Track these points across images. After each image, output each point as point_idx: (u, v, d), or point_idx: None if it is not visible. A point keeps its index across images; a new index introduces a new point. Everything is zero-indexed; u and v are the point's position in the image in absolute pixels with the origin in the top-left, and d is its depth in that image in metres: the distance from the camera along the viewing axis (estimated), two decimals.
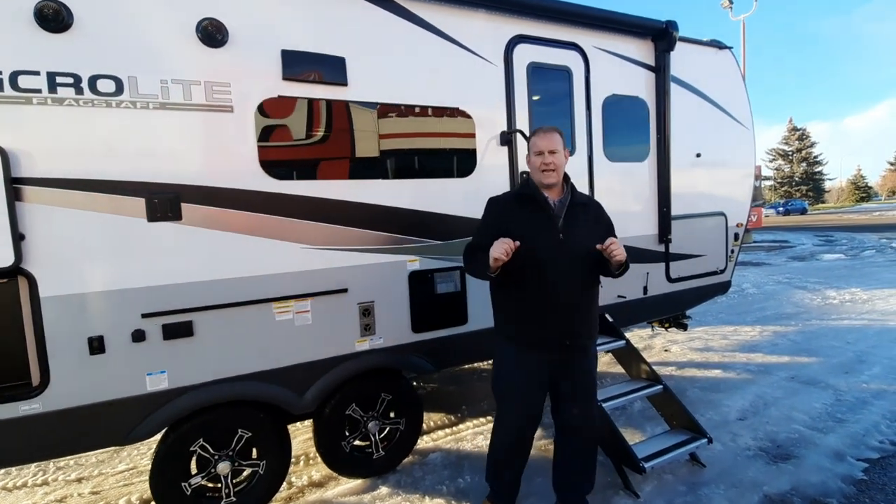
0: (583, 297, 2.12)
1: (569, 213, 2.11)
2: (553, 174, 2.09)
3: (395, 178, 2.80)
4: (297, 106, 2.50)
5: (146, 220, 2.21)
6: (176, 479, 2.38)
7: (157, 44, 2.21)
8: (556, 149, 2.08)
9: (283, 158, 2.50)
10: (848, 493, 2.55)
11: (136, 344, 2.22)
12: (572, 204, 2.13)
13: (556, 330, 2.09)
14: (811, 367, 4.38)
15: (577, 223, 2.11)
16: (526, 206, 2.14)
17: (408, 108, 2.80)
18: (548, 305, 2.07)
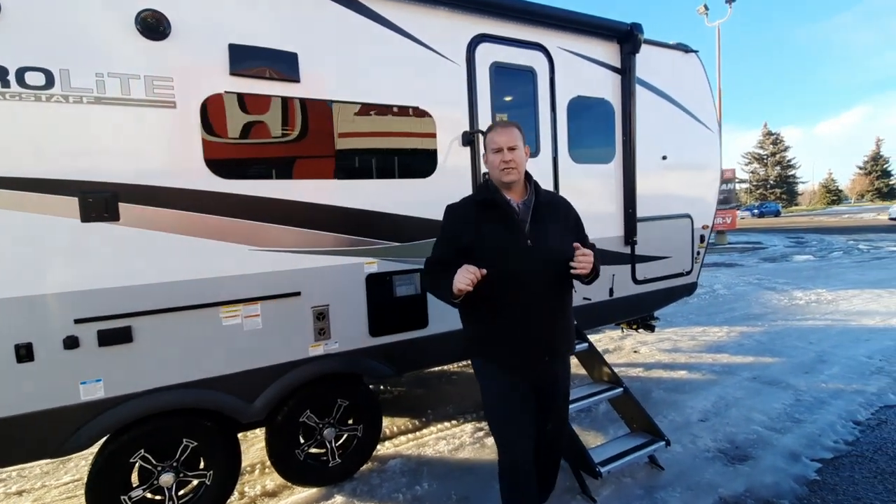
0: (559, 307, 1.94)
1: (535, 216, 1.90)
2: (514, 172, 1.88)
3: (352, 178, 2.73)
4: (245, 102, 2.41)
5: (80, 221, 2.10)
6: (114, 492, 2.27)
7: (92, 35, 2.10)
8: (515, 145, 1.88)
9: (230, 157, 2.41)
10: (800, 493, 2.57)
11: (68, 351, 2.10)
12: (538, 205, 1.92)
13: (536, 347, 1.90)
14: (773, 368, 4.45)
15: (545, 225, 1.90)
16: (487, 213, 1.91)
17: (365, 107, 2.73)
18: (523, 321, 1.86)
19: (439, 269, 1.88)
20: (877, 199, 57.29)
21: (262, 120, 2.46)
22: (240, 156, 2.44)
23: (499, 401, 1.97)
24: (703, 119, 4.34)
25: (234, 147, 2.42)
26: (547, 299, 1.88)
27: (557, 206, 2.03)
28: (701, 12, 18.16)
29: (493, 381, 1.96)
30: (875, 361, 4.48)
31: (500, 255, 1.83)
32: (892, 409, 3.52)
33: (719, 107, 18.05)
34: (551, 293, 1.89)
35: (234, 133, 2.41)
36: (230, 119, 2.38)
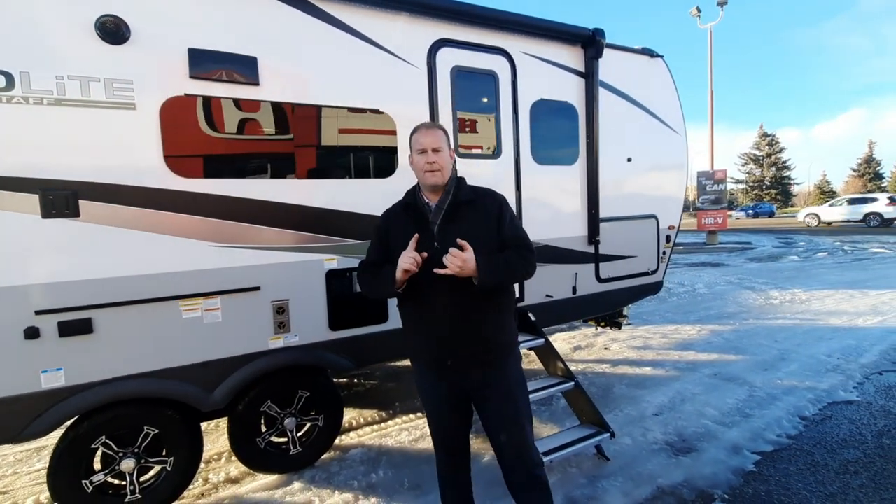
0: (468, 310, 1.82)
1: (447, 216, 1.86)
2: (438, 174, 1.85)
3: (312, 177, 2.83)
4: (204, 104, 2.50)
5: (40, 217, 2.20)
6: (75, 476, 2.38)
7: (52, 39, 2.19)
8: (440, 146, 1.85)
9: (189, 156, 2.50)
10: (734, 483, 2.70)
11: (29, 341, 2.20)
12: (453, 204, 1.88)
13: (438, 348, 1.86)
14: (735, 365, 4.58)
15: (456, 226, 1.84)
16: (406, 215, 1.93)
17: (325, 109, 2.83)
18: (433, 323, 1.85)
19: (370, 270, 1.95)
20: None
21: (222, 121, 2.56)
22: (199, 156, 2.54)
23: (424, 398, 2.04)
24: (669, 122, 4.46)
25: (194, 147, 2.52)
26: (457, 301, 1.80)
27: (478, 204, 1.90)
28: (693, 14, 18.24)
29: (419, 379, 2.02)
30: (833, 360, 4.62)
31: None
32: (838, 406, 3.66)
33: (710, 108, 18.18)
34: (458, 296, 1.79)
35: (193, 134, 2.51)
36: (189, 120, 2.48)
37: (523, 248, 1.87)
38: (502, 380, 1.91)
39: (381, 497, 2.65)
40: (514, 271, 1.84)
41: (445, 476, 2.12)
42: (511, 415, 1.91)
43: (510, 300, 1.99)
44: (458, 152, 3.29)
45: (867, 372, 4.32)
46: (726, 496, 2.60)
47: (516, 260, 1.82)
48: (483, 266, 1.72)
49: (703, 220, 17.23)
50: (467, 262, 1.70)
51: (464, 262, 1.69)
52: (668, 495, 2.61)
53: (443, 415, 1.99)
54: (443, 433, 2.03)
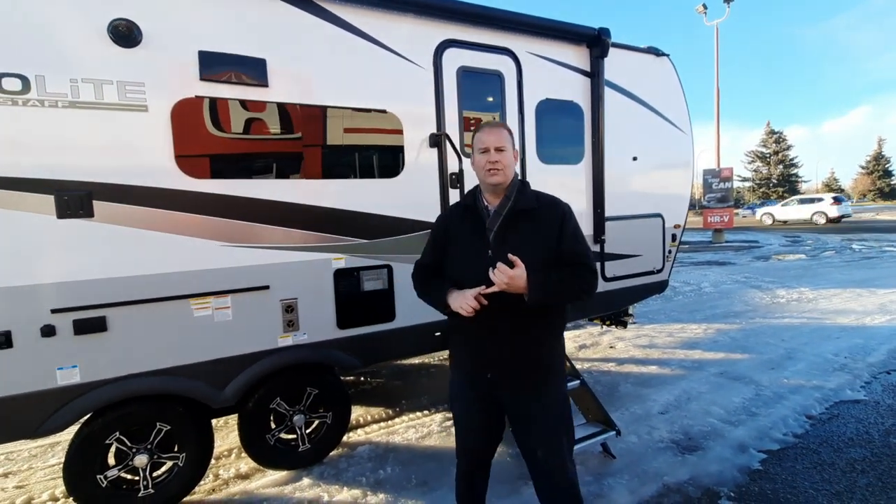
0: (515, 326, 1.74)
1: (504, 225, 1.77)
2: (499, 174, 1.76)
3: (320, 177, 2.86)
4: (214, 106, 2.54)
5: (56, 217, 2.24)
6: (91, 471, 2.43)
7: (66, 43, 2.23)
8: (503, 146, 1.77)
9: (200, 157, 2.54)
10: (740, 482, 2.71)
11: (45, 339, 2.25)
12: (512, 212, 1.78)
13: (479, 360, 1.82)
14: (741, 364, 4.58)
15: (513, 236, 1.75)
16: (464, 218, 1.86)
17: (334, 110, 2.86)
18: (472, 332, 1.80)
19: (426, 275, 1.93)
20: (878, 198, 57.08)
21: (231, 123, 2.60)
22: (209, 156, 2.57)
23: (455, 404, 2.00)
24: (674, 121, 4.45)
25: (204, 148, 2.55)
26: (499, 315, 1.71)
27: (539, 213, 1.79)
28: (700, 11, 18.14)
29: (455, 386, 1.97)
30: (840, 359, 4.61)
31: (463, 262, 1.80)
32: (846, 405, 3.65)
33: (716, 105, 18.08)
34: (506, 310, 1.70)
35: (204, 135, 2.54)
36: (200, 122, 2.52)
37: (582, 266, 1.73)
38: (543, 399, 1.82)
39: (389, 493, 2.69)
40: (568, 291, 1.71)
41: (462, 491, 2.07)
42: (551, 431, 1.83)
43: (562, 320, 1.89)
44: (464, 152, 3.31)
45: (875, 371, 4.31)
46: (732, 494, 2.61)
47: (572, 279, 1.70)
48: (534, 283, 1.62)
49: (709, 219, 17.15)
50: (515, 278, 1.61)
51: (511, 279, 1.60)
52: (674, 493, 2.63)
53: (472, 425, 1.94)
54: (469, 444, 1.98)
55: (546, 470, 1.86)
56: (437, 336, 3.31)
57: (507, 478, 2.78)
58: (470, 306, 1.67)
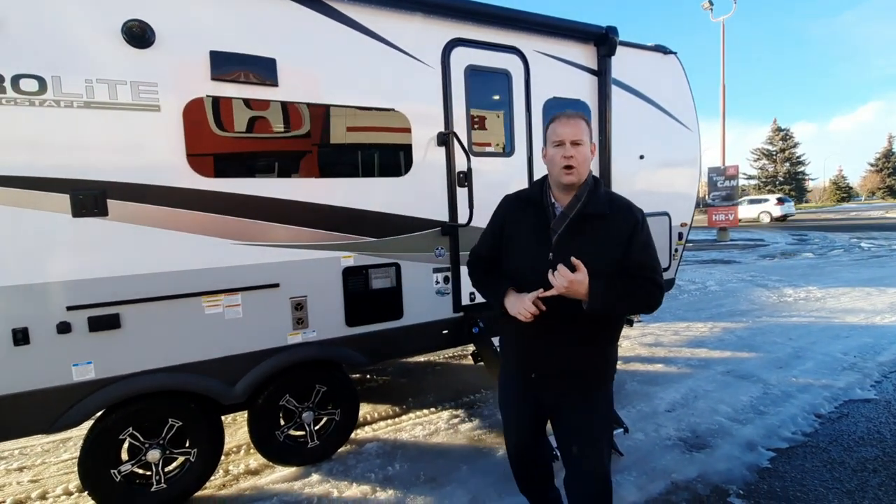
0: (567, 330, 1.69)
1: (570, 228, 1.68)
2: (574, 173, 1.65)
3: (330, 176, 2.88)
4: (226, 105, 2.56)
5: (71, 216, 2.28)
6: (105, 466, 2.47)
7: (81, 45, 2.26)
8: (580, 139, 1.65)
9: (211, 156, 2.57)
10: (749, 479, 2.71)
11: (61, 335, 2.29)
12: (581, 216, 1.68)
13: (529, 360, 1.80)
14: (749, 362, 4.56)
15: (579, 241, 1.66)
16: (527, 212, 1.79)
17: (342, 109, 2.88)
18: (524, 332, 1.75)
19: (480, 264, 1.91)
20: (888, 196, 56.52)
21: (242, 122, 2.62)
22: (220, 156, 2.60)
23: (501, 388, 2.01)
24: (682, 119, 4.44)
25: (215, 147, 2.58)
26: (553, 319, 1.66)
27: (610, 219, 1.69)
28: (706, 7, 18.03)
29: (504, 384, 1.98)
30: (849, 358, 4.58)
31: (522, 262, 1.74)
32: (855, 404, 3.64)
33: (722, 102, 17.97)
34: (561, 315, 1.66)
35: (215, 134, 2.57)
36: (212, 121, 2.54)
37: (648, 280, 1.64)
38: (588, 401, 1.79)
39: (399, 489, 2.71)
40: (631, 303, 1.65)
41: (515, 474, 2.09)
42: (589, 432, 1.79)
43: (618, 328, 1.83)
44: (471, 150, 3.32)
45: (885, 370, 4.28)
46: (741, 492, 2.61)
47: (636, 291, 1.62)
48: (594, 291, 1.55)
49: (714, 217, 17.05)
50: (575, 283, 1.54)
51: (571, 284, 1.54)
52: (682, 490, 2.64)
53: (517, 423, 1.94)
54: (513, 439, 1.98)
55: (580, 464, 1.82)
56: (445, 334, 3.33)
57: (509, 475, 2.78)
58: (529, 312, 1.62)
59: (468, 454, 3.06)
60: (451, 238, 3.29)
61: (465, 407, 3.80)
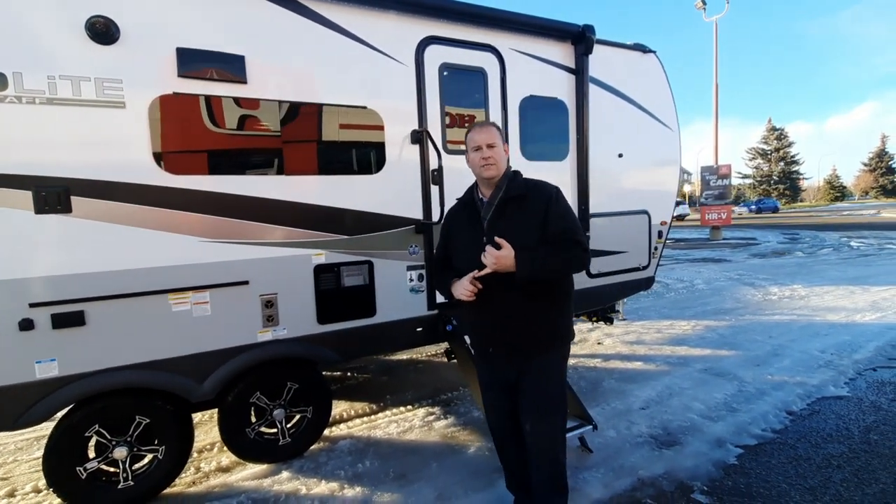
0: (513, 303, 1.90)
1: (496, 212, 1.95)
2: (493, 167, 1.94)
3: (299, 173, 2.87)
4: (193, 102, 2.56)
5: (33, 213, 2.27)
6: (70, 463, 2.46)
7: (44, 41, 2.25)
8: (494, 142, 1.95)
9: (178, 153, 2.56)
10: (714, 476, 2.73)
11: (23, 332, 2.28)
12: (504, 200, 1.95)
13: (484, 336, 2.04)
14: (727, 360, 4.59)
15: (505, 222, 1.91)
16: (463, 211, 2.09)
17: (313, 106, 2.88)
18: (477, 311, 2.00)
19: (438, 267, 2.18)
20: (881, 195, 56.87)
21: (210, 119, 2.61)
22: (187, 153, 2.59)
23: (478, 371, 2.24)
24: (661, 118, 4.46)
25: (182, 144, 2.57)
26: (496, 295, 1.89)
27: (529, 199, 1.93)
28: (699, 7, 18.05)
29: (477, 364, 2.22)
30: (826, 355, 4.62)
31: (464, 251, 1.98)
32: (827, 401, 3.67)
33: (715, 102, 18.02)
34: (502, 290, 1.86)
35: (182, 131, 2.56)
36: (178, 118, 2.54)
37: (568, 241, 1.86)
38: (538, 372, 1.97)
39: (367, 486, 2.72)
40: (555, 265, 1.84)
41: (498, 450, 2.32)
42: (540, 406, 1.98)
43: (561, 295, 2.00)
44: (446, 149, 3.33)
45: (860, 368, 4.32)
46: (705, 488, 2.63)
47: (557, 253, 1.84)
48: (521, 260, 1.77)
49: (706, 216, 17.12)
50: (500, 258, 1.77)
51: (497, 259, 1.77)
52: (647, 486, 2.66)
53: (490, 402, 2.17)
54: (492, 422, 2.22)
55: (532, 444, 2.00)
56: (419, 331, 3.34)
57: (483, 471, 2.81)
58: (468, 290, 1.87)
59: (440, 451, 3.07)
60: (425, 236, 3.30)
61: (442, 404, 3.81)
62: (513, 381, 2.02)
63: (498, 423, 2.21)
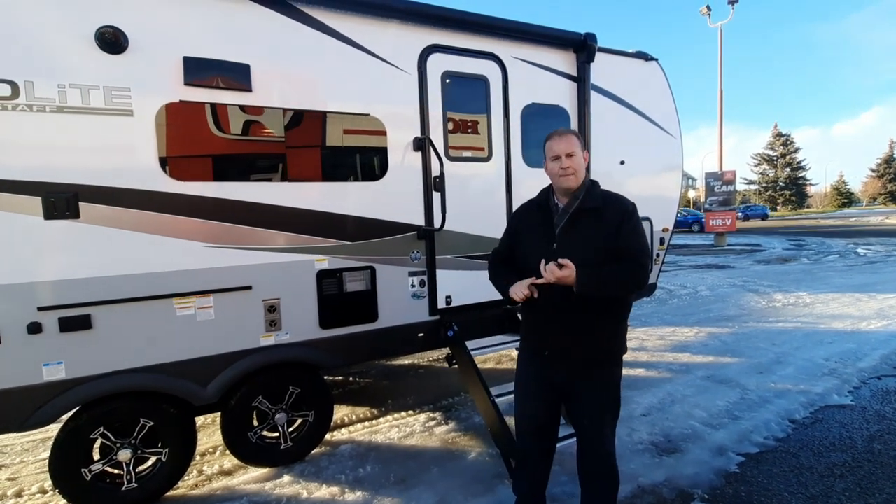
0: (573, 312, 1.92)
1: (570, 221, 1.96)
2: (573, 178, 1.96)
3: (303, 180, 2.91)
4: (199, 110, 2.61)
5: (42, 218, 2.31)
6: (75, 465, 2.50)
7: (54, 51, 2.31)
8: (573, 151, 1.96)
9: (184, 160, 2.61)
10: (715, 484, 2.73)
11: (32, 336, 2.32)
12: (578, 210, 1.96)
13: (540, 339, 2.04)
14: (730, 367, 4.58)
15: (578, 232, 1.94)
16: (536, 214, 2.09)
17: (317, 114, 2.92)
18: (537, 316, 2.04)
19: (497, 261, 2.19)
20: (889, 202, 56.40)
21: (216, 126, 2.66)
22: (193, 159, 2.64)
23: (518, 378, 2.21)
24: (663, 125, 4.47)
25: (188, 151, 2.62)
26: (560, 304, 1.91)
27: (604, 212, 1.95)
28: (704, 13, 18.08)
29: (521, 362, 2.20)
30: (830, 364, 4.59)
31: (530, 253, 2.00)
32: (830, 409, 3.65)
33: (720, 108, 18.00)
34: (567, 299, 1.88)
35: (189, 139, 2.61)
36: (185, 126, 2.59)
37: (633, 261, 1.89)
38: (599, 383, 2.01)
39: (367, 490, 2.73)
40: (614, 284, 1.87)
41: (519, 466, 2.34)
42: (599, 408, 2.04)
43: (623, 310, 2.05)
44: (448, 155, 3.36)
45: (865, 376, 4.29)
46: (706, 496, 2.63)
47: (620, 274, 1.86)
48: (581, 279, 1.80)
49: (711, 222, 17.06)
50: (562, 278, 1.80)
51: (558, 279, 1.81)
52: (647, 494, 2.66)
53: (531, 396, 2.13)
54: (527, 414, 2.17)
55: (588, 439, 2.08)
56: (420, 337, 3.36)
57: (484, 476, 2.82)
58: (522, 293, 1.91)
59: (440, 456, 3.09)
60: (427, 242, 3.33)
61: (443, 410, 3.82)
62: (562, 382, 2.04)
63: (521, 434, 2.20)
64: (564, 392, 2.07)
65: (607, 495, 2.13)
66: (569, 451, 2.99)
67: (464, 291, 3.50)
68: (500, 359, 4.96)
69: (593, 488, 2.13)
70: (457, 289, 3.47)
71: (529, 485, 2.22)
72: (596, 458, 2.09)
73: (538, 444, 2.18)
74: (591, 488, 2.14)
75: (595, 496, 2.13)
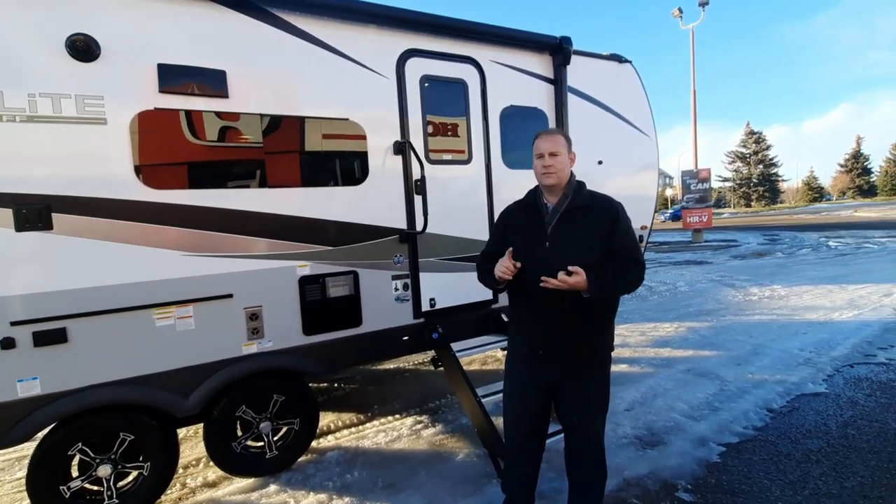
0: (568, 313, 1.94)
1: (562, 220, 1.98)
2: (553, 176, 1.97)
3: (282, 186, 2.90)
4: (174, 117, 2.58)
5: (14, 231, 2.26)
6: (53, 483, 2.43)
7: (24, 59, 2.26)
8: (557, 151, 1.97)
9: (160, 169, 2.57)
10: (698, 474, 2.79)
11: (5, 351, 2.26)
12: (569, 209, 1.98)
13: (533, 339, 2.04)
14: (709, 360, 4.69)
15: (569, 230, 1.96)
16: (525, 214, 2.09)
17: (295, 119, 2.92)
18: (531, 316, 2.04)
19: (484, 260, 2.18)
20: (857, 195, 58.47)
21: (192, 134, 2.63)
22: (170, 167, 2.60)
23: (508, 380, 2.20)
24: (639, 125, 4.58)
25: (164, 159, 2.58)
26: (554, 303, 1.91)
27: (594, 210, 1.98)
28: (675, 15, 18.53)
29: (511, 361, 2.19)
30: (805, 353, 4.74)
31: (525, 254, 1.98)
32: (806, 398, 3.77)
33: (693, 107, 18.45)
34: (561, 298, 1.89)
35: (164, 146, 2.57)
36: (160, 133, 2.55)
37: (631, 261, 1.94)
38: (591, 381, 2.04)
39: (356, 496, 2.72)
40: (622, 286, 1.95)
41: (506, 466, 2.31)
42: (590, 406, 2.06)
43: (612, 310, 2.08)
44: (428, 158, 3.38)
45: (838, 365, 4.44)
46: (689, 486, 2.69)
47: (624, 274, 1.92)
48: (593, 281, 1.82)
49: (688, 219, 17.46)
50: (574, 285, 1.81)
51: (571, 286, 1.81)
52: (632, 486, 2.71)
53: (522, 395, 2.12)
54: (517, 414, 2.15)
55: (578, 436, 2.11)
56: (405, 340, 3.36)
57: (472, 477, 2.83)
58: (507, 268, 1.91)
59: (428, 459, 3.09)
60: (409, 245, 3.34)
61: (430, 412, 3.83)
62: (555, 381, 2.05)
63: (511, 436, 2.19)
64: (555, 390, 2.08)
65: (596, 491, 2.16)
66: (556, 447, 3.04)
67: (448, 293, 3.52)
68: (485, 360, 4.99)
69: (582, 484, 2.16)
70: (440, 291, 3.49)
71: (520, 484, 2.21)
72: (586, 455, 2.12)
73: (529, 443, 2.17)
74: (580, 484, 2.17)
75: (584, 492, 2.16)
